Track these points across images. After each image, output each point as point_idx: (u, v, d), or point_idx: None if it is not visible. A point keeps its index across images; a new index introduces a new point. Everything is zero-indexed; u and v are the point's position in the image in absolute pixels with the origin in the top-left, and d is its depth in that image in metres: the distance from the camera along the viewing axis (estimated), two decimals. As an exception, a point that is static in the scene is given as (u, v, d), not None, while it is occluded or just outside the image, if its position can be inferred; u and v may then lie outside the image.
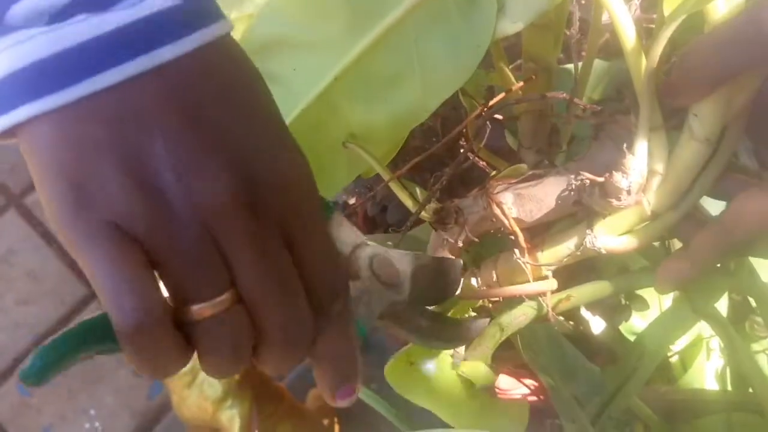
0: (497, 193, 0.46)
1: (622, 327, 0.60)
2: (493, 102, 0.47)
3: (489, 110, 0.47)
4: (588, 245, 0.44)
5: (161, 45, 0.29)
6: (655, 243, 0.51)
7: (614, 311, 0.59)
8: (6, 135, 0.30)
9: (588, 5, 0.55)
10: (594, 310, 0.59)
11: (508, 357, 0.57)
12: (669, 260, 0.44)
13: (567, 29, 0.51)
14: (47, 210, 0.30)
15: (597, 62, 0.62)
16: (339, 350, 0.35)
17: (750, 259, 0.47)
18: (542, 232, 0.47)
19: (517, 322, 0.48)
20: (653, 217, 0.43)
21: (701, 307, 0.48)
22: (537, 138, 0.52)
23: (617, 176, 0.41)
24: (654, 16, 0.43)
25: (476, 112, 0.47)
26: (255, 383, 0.86)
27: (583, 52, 0.53)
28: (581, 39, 0.51)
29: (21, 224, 1.15)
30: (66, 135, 0.29)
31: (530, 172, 0.46)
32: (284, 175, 0.32)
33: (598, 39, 0.52)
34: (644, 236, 0.44)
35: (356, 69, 0.48)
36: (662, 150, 0.41)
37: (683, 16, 0.37)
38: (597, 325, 0.60)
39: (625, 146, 0.41)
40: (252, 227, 0.31)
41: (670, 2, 0.39)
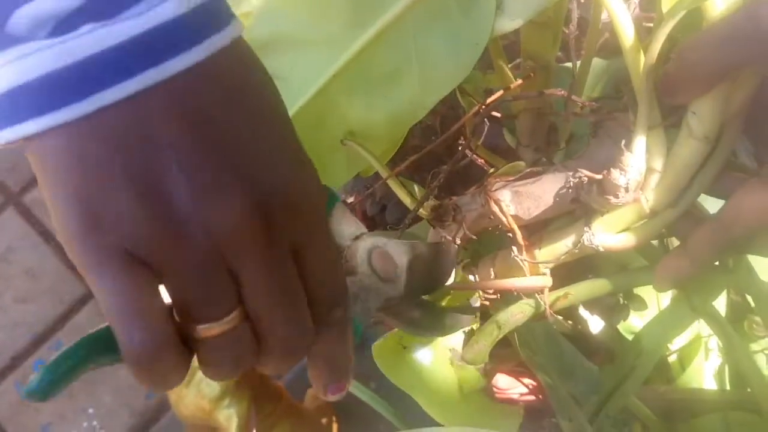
0: (495, 191, 0.46)
1: (621, 326, 0.60)
2: (492, 99, 0.47)
3: (487, 108, 0.47)
4: (586, 243, 0.44)
5: (170, 57, 0.28)
6: (654, 241, 0.51)
7: (612, 310, 0.59)
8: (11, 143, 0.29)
9: (587, 3, 0.55)
10: (592, 310, 0.59)
11: (506, 355, 0.57)
12: (667, 257, 0.44)
13: (566, 27, 0.51)
14: (57, 226, 0.29)
15: (596, 61, 0.62)
16: (335, 352, 0.35)
17: (748, 258, 0.47)
18: (540, 230, 0.47)
19: (515, 320, 0.48)
20: (651, 215, 0.43)
21: (699, 306, 0.48)
22: (535, 136, 0.52)
23: (615, 174, 0.41)
24: (653, 15, 0.43)
25: (474, 110, 0.47)
26: (253, 383, 0.86)
27: (583, 51, 0.53)
28: (580, 37, 0.51)
29: (20, 222, 1.15)
30: (75, 153, 0.28)
31: (528, 170, 0.46)
32: (297, 192, 0.32)
33: (597, 37, 0.52)
34: (642, 234, 0.44)
35: (355, 66, 0.48)
36: (660, 148, 0.41)
37: (681, 13, 0.37)
38: (595, 325, 0.60)
39: (623, 144, 0.41)
40: (264, 248, 0.30)
41: (668, -1, 0.39)
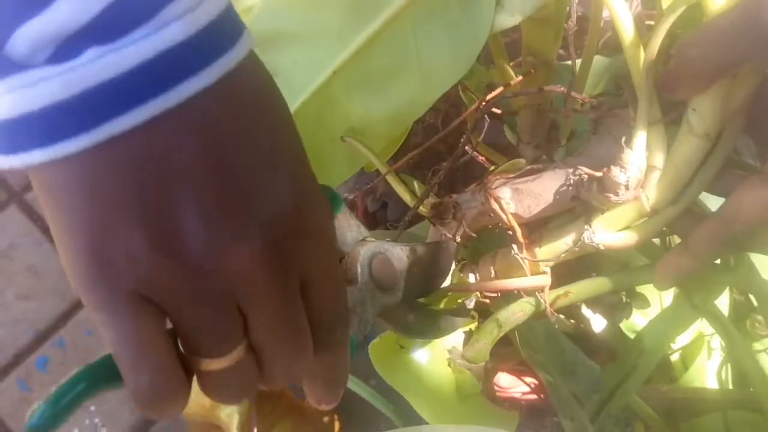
0: (495, 188, 0.46)
1: (623, 325, 0.60)
2: (492, 95, 0.47)
3: (487, 104, 0.47)
4: (586, 241, 0.43)
5: (180, 81, 0.27)
6: (655, 240, 0.51)
7: (615, 309, 0.58)
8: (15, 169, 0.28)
9: (588, 0, 0.55)
10: (595, 308, 0.59)
11: (507, 353, 0.57)
12: (668, 255, 0.44)
13: (565, 23, 0.51)
14: (62, 260, 0.29)
15: (599, 59, 0.62)
16: (332, 371, 0.35)
17: (750, 256, 0.47)
18: (540, 228, 0.47)
19: (515, 319, 0.47)
20: (652, 213, 0.43)
21: (701, 304, 0.47)
22: (536, 133, 0.51)
23: (615, 171, 0.40)
24: (655, 12, 0.43)
25: (475, 105, 0.47)
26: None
27: (584, 48, 0.53)
28: (580, 34, 0.51)
29: (22, 219, 1.15)
30: (83, 187, 0.27)
31: (529, 167, 0.46)
32: (310, 224, 0.31)
33: (599, 35, 0.52)
34: (643, 232, 0.44)
35: (355, 62, 0.47)
36: (661, 145, 0.41)
37: (681, 9, 0.37)
38: (598, 323, 0.59)
39: (624, 141, 0.41)
40: (276, 288, 0.30)
41: (669, -5, 0.39)
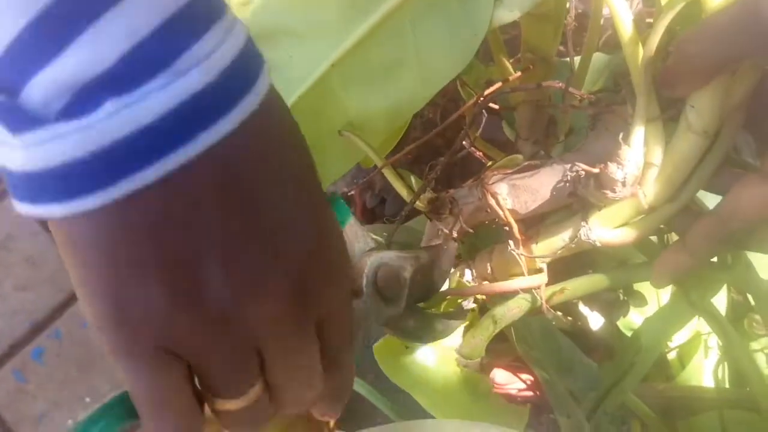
0: (492, 184, 0.45)
1: (621, 323, 0.60)
2: (490, 91, 0.47)
3: (485, 99, 0.47)
4: (583, 237, 0.43)
5: (201, 130, 0.25)
6: (653, 238, 0.51)
7: (612, 307, 0.58)
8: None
9: (589, -4, 0.55)
10: (592, 306, 0.59)
11: (503, 350, 0.57)
12: (666, 252, 0.43)
13: (566, 20, 0.51)
14: (84, 310, 0.28)
15: (599, 56, 0.61)
16: (336, 389, 0.36)
17: (748, 255, 0.46)
18: (537, 224, 0.46)
19: (511, 315, 0.47)
20: (650, 210, 0.42)
21: (698, 302, 0.47)
22: (534, 129, 0.51)
23: (612, 167, 0.40)
24: (655, 10, 0.43)
25: (473, 100, 0.47)
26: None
27: (583, 45, 0.52)
28: (580, 31, 0.51)
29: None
30: (103, 243, 0.26)
31: (526, 163, 0.46)
32: (330, 267, 0.31)
33: (599, 31, 0.52)
34: (640, 229, 0.43)
35: (353, 56, 0.47)
36: (659, 141, 0.41)
37: (681, 5, 0.37)
38: (595, 321, 0.59)
39: (621, 137, 0.41)
40: (296, 334, 0.30)
41: (669, -9, 0.38)
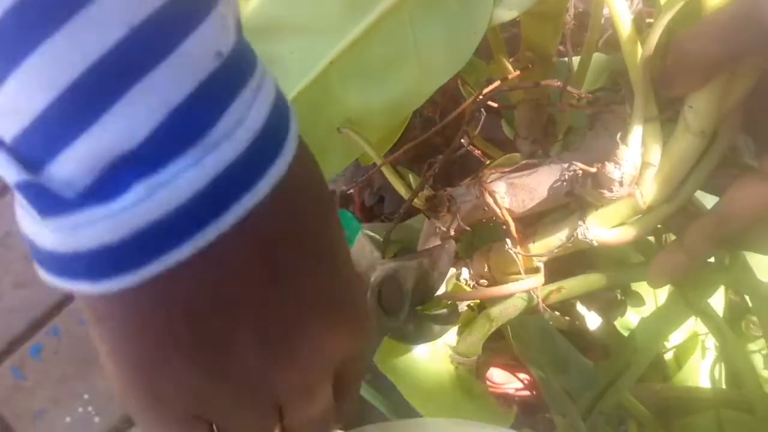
0: (490, 182, 0.46)
1: (618, 323, 0.60)
2: (489, 89, 0.47)
3: (484, 97, 0.47)
4: (580, 237, 0.43)
5: (232, 203, 0.25)
6: (650, 238, 0.51)
7: (610, 306, 0.58)
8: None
9: (588, -4, 0.55)
10: (590, 306, 0.59)
11: (499, 348, 0.57)
12: (663, 252, 0.43)
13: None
14: (112, 378, 0.29)
15: (598, 56, 0.61)
16: (341, 414, 0.36)
17: (746, 257, 0.46)
18: (534, 223, 0.46)
19: (507, 313, 0.47)
20: (647, 210, 0.42)
21: (695, 303, 0.47)
22: (533, 128, 0.51)
23: (610, 167, 0.40)
24: (655, 9, 0.43)
25: (472, 98, 0.47)
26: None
27: (583, 44, 0.52)
28: (580, 30, 0.51)
29: (19, 207, 1.15)
30: (131, 319, 0.26)
31: (524, 162, 0.46)
32: (354, 327, 0.31)
33: (599, 31, 0.52)
34: (637, 229, 0.43)
35: (352, 53, 0.47)
36: (657, 141, 0.41)
37: (680, 4, 0.37)
38: (593, 321, 0.59)
39: (619, 137, 0.41)
40: (317, 391, 0.31)
41: (668, -10, 0.38)
